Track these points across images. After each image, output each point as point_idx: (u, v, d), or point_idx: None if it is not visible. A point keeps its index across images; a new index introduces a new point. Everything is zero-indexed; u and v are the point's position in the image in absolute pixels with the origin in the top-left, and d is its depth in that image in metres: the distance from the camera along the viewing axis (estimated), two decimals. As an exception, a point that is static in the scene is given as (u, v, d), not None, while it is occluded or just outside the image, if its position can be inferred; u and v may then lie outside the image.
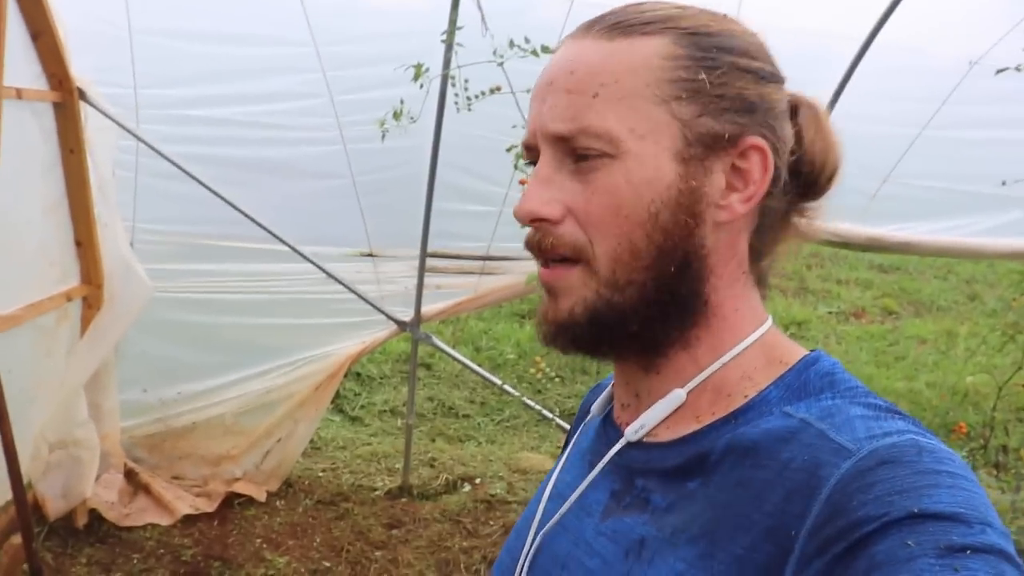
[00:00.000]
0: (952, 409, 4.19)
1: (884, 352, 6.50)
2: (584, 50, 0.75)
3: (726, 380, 0.77)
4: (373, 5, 3.56)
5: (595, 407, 0.92)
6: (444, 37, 3.09)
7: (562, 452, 1.01)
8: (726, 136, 0.74)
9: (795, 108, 0.80)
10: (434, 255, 3.93)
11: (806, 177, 0.80)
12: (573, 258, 0.75)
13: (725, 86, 0.74)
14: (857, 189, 3.55)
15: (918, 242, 3.62)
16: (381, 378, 5.56)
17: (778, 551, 0.64)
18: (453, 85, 3.14)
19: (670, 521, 0.73)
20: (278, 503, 4.02)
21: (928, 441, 0.65)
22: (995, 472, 4.45)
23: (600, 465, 0.82)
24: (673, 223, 0.73)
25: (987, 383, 3.93)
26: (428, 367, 5.70)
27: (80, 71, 3.17)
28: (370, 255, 3.94)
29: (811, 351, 0.80)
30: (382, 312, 3.95)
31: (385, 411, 5.17)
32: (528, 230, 0.78)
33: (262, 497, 3.99)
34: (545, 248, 0.76)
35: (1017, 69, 2.57)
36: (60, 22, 3.01)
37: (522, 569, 0.85)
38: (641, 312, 0.75)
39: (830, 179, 0.82)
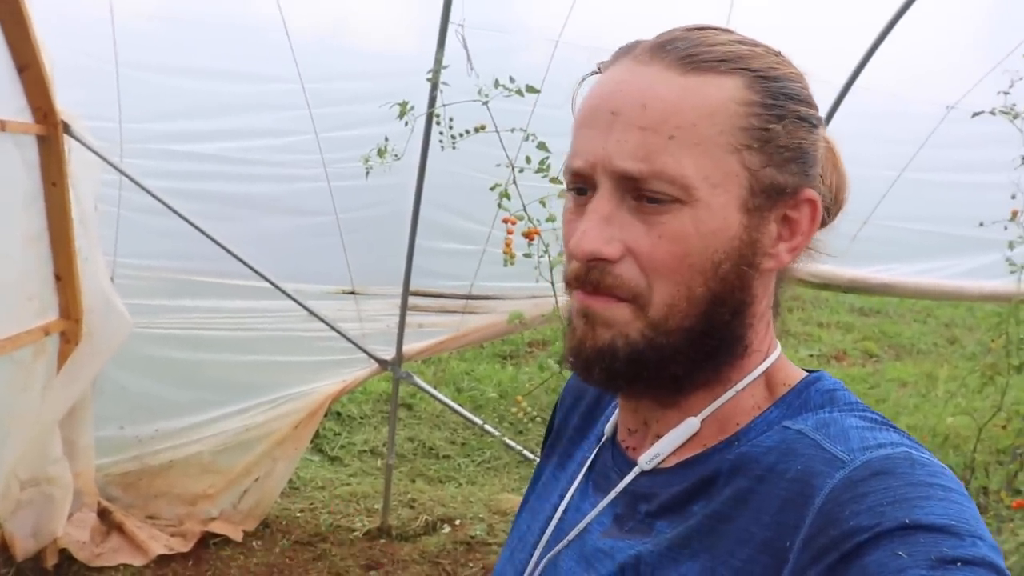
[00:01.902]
0: (933, 451, 4.19)
1: (865, 395, 6.51)
2: (655, 82, 0.72)
3: (737, 409, 0.77)
4: (358, 44, 3.60)
5: (608, 429, 0.90)
6: (429, 76, 3.12)
7: (544, 444, 1.02)
8: (787, 189, 0.74)
9: None
10: (417, 294, 3.92)
11: (824, 213, 0.80)
12: (625, 299, 0.73)
13: (789, 136, 0.73)
14: (838, 231, 3.58)
15: (899, 284, 3.66)
16: (361, 418, 5.51)
17: (774, 562, 0.65)
18: (438, 123, 3.16)
19: (670, 538, 0.73)
20: (255, 543, 3.94)
21: (921, 454, 0.66)
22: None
23: (612, 495, 0.82)
24: (733, 273, 0.73)
25: (967, 425, 3.93)
26: (409, 407, 5.65)
27: (65, 104, 3.17)
28: (352, 293, 3.92)
29: (813, 372, 0.81)
30: (363, 351, 3.93)
31: (365, 451, 5.11)
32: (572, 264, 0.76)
33: (238, 537, 3.92)
34: (602, 288, 0.73)
35: (992, 113, 2.63)
36: (47, 55, 3.02)
37: None
38: (684, 357, 0.74)
39: (837, 213, 0.83)
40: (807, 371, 0.82)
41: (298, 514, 4.26)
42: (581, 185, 0.76)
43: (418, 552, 3.99)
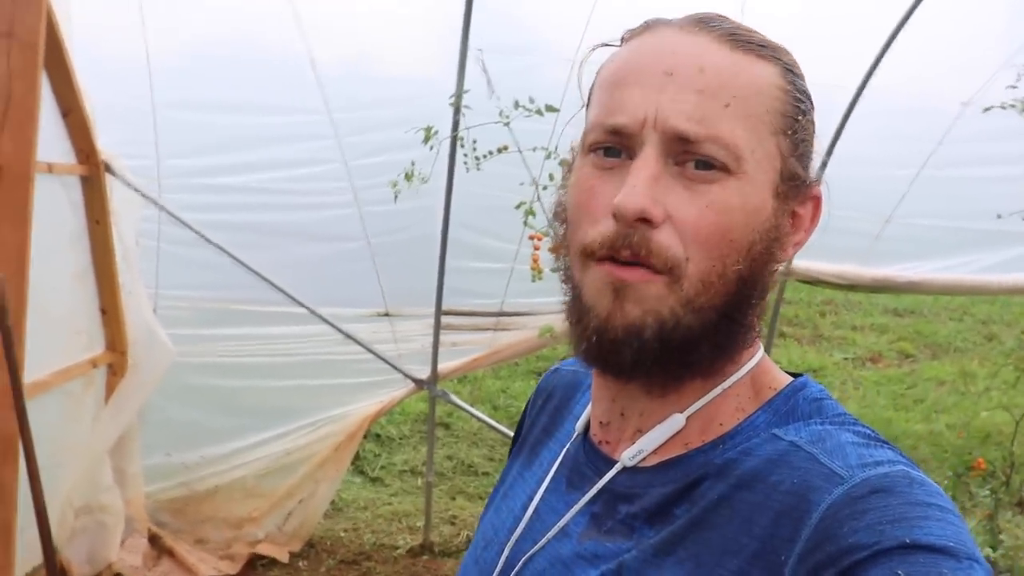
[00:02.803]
0: (972, 448, 4.18)
1: (902, 395, 6.48)
2: (709, 50, 0.71)
3: (721, 409, 0.76)
4: (382, 72, 3.71)
5: (579, 426, 0.86)
6: (452, 100, 3.22)
7: (514, 443, 0.99)
8: (805, 182, 0.75)
9: None
10: (449, 312, 4.00)
11: None
12: (659, 269, 0.69)
13: (807, 132, 0.74)
14: (860, 231, 3.62)
15: (925, 281, 3.68)
16: (400, 439, 5.59)
17: (767, 575, 0.64)
18: (462, 146, 3.25)
19: (653, 543, 0.72)
20: (301, 564, 4.03)
21: (917, 473, 0.66)
22: (1020, 509, 4.42)
23: (591, 493, 0.79)
24: (764, 255, 0.72)
25: (1007, 421, 3.92)
26: (447, 426, 5.73)
27: (106, 145, 3.31)
28: (386, 315, 4.02)
29: (798, 377, 0.79)
30: (399, 371, 4.02)
31: (405, 471, 5.19)
32: (604, 227, 0.71)
33: (285, 558, 4.01)
34: (638, 253, 0.69)
35: (1002, 107, 2.66)
36: (88, 99, 3.16)
37: None
38: (710, 338, 0.72)
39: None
40: (790, 374, 0.80)
41: (342, 534, 4.34)
42: (614, 145, 0.72)
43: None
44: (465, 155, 3.20)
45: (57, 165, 3.17)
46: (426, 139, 3.12)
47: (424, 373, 4.08)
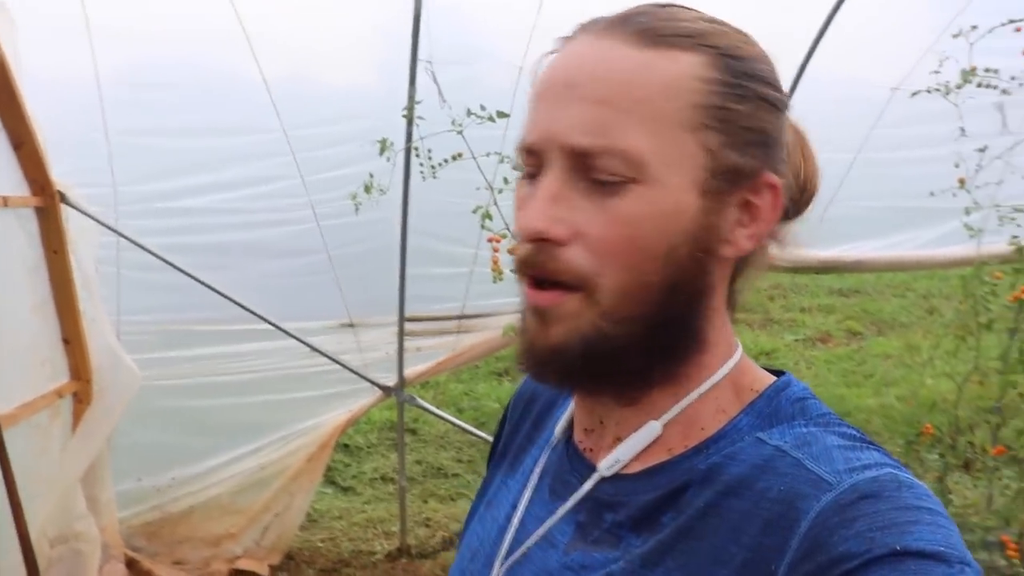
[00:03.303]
0: (920, 416, 4.38)
1: (853, 372, 6.71)
2: (611, 55, 0.68)
3: (700, 413, 0.74)
4: (333, 87, 3.77)
5: (559, 431, 0.85)
6: (404, 112, 3.29)
7: (494, 449, 0.98)
8: (746, 172, 0.70)
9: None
10: (412, 319, 4.07)
11: (790, 203, 0.77)
12: (573, 285, 0.69)
13: (751, 117, 0.70)
14: (805, 214, 3.77)
15: (869, 259, 3.85)
16: (368, 447, 5.64)
17: None
18: (417, 155, 3.33)
19: (641, 553, 0.71)
20: (281, 576, 4.07)
21: (906, 475, 0.65)
22: (966, 470, 4.64)
23: (571, 502, 0.78)
24: (689, 259, 0.69)
25: (950, 388, 4.12)
26: (413, 432, 5.78)
27: (60, 175, 3.31)
28: (350, 325, 4.07)
29: (780, 376, 0.78)
30: (367, 379, 4.07)
31: (376, 479, 5.24)
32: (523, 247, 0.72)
33: (265, 572, 4.03)
34: (547, 271, 0.69)
35: (928, 91, 2.82)
36: (40, 130, 3.16)
37: None
38: (639, 347, 0.71)
39: (809, 202, 0.80)
40: (772, 372, 0.79)
41: (319, 544, 4.38)
42: (533, 167, 0.72)
43: (439, 567, 4.13)
44: (421, 164, 3.28)
45: (12, 198, 3.17)
46: (382, 150, 3.18)
47: (391, 380, 4.14)
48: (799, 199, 0.78)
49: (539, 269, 0.70)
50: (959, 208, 3.25)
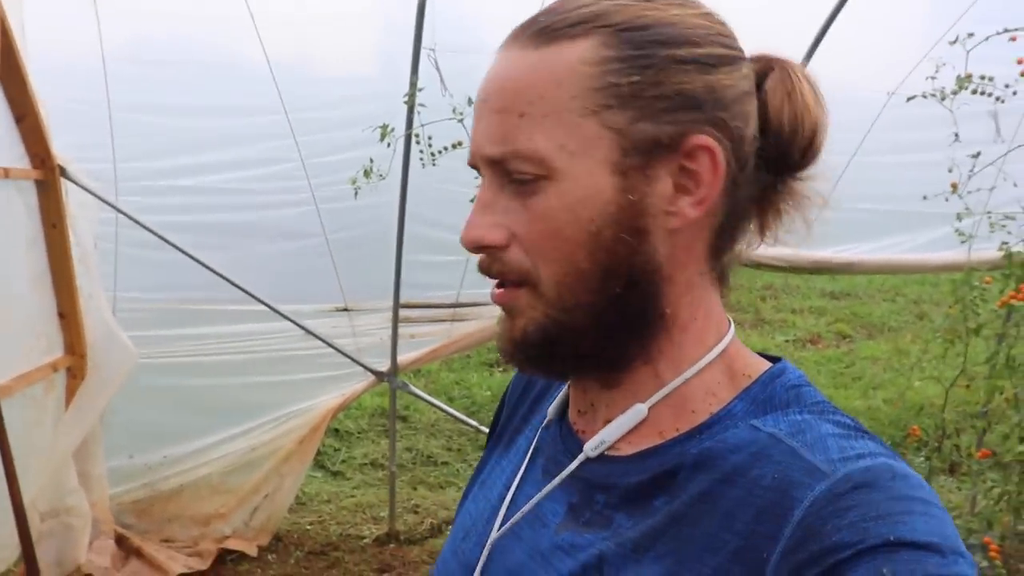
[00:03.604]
0: (907, 419, 4.43)
1: (841, 374, 6.77)
2: (511, 63, 0.72)
3: (689, 396, 0.74)
4: (336, 71, 3.78)
5: (552, 411, 0.86)
6: (406, 99, 3.31)
7: (492, 430, 1.00)
8: (666, 140, 0.69)
9: (763, 77, 0.74)
10: (407, 306, 4.10)
11: (774, 150, 0.74)
12: (518, 283, 0.73)
13: (662, 85, 0.69)
14: (796, 217, 3.80)
15: (860, 261, 3.89)
16: (359, 433, 5.67)
17: (749, 572, 0.63)
18: (418, 143, 3.35)
19: (633, 537, 0.71)
20: (269, 557, 4.09)
21: (899, 465, 0.65)
22: (951, 474, 4.69)
23: (557, 480, 0.79)
24: (616, 240, 0.69)
25: (937, 392, 4.16)
26: (404, 419, 5.82)
27: (61, 149, 3.33)
28: (345, 309, 4.10)
29: (776, 362, 0.78)
30: (360, 364, 4.10)
31: (365, 464, 5.27)
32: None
33: (253, 552, 4.06)
34: (495, 273, 0.74)
35: (923, 96, 2.86)
36: (42, 104, 3.18)
37: None
38: (592, 332, 0.72)
39: (809, 145, 0.75)
40: (768, 358, 0.79)
41: (308, 527, 4.41)
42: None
43: (427, 553, 4.16)
44: (421, 151, 3.30)
45: (13, 170, 3.19)
46: (383, 136, 3.20)
47: (384, 366, 4.16)
48: (790, 144, 0.73)
49: (492, 273, 0.75)
50: (951, 213, 3.28)
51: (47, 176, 3.35)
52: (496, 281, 0.75)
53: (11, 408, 3.30)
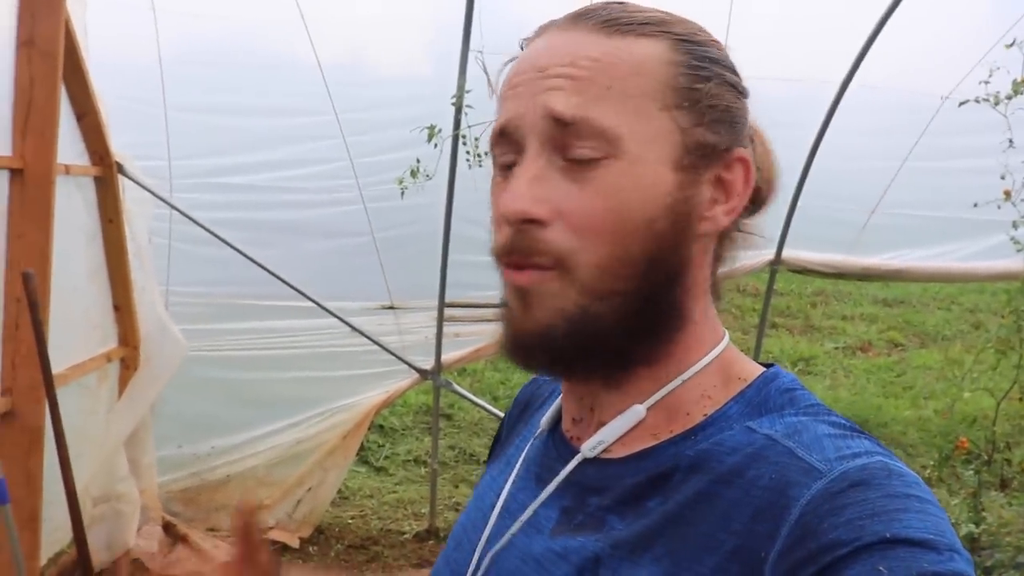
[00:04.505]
0: (958, 431, 4.34)
1: (892, 383, 6.65)
2: (580, 42, 0.71)
3: (684, 398, 0.74)
4: (385, 73, 3.84)
5: (544, 422, 0.86)
6: (453, 100, 3.35)
7: (495, 446, 0.99)
8: (717, 148, 0.72)
9: None
10: (452, 305, 4.13)
11: (756, 192, 0.78)
12: (552, 265, 0.70)
13: (717, 97, 0.72)
14: (848, 221, 3.76)
15: (910, 269, 3.82)
16: (403, 430, 5.73)
17: (746, 572, 0.63)
18: (464, 143, 3.38)
19: (627, 538, 0.70)
20: (311, 549, 4.17)
21: (896, 464, 0.65)
22: (1002, 489, 4.57)
23: (554, 484, 0.78)
24: (669, 233, 0.70)
25: (990, 404, 4.07)
26: (448, 417, 5.86)
27: (119, 146, 3.43)
28: (391, 308, 4.15)
29: (769, 367, 0.78)
30: (404, 361, 4.15)
31: (408, 461, 5.33)
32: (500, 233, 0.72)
33: (295, 543, 4.14)
34: (525, 251, 0.70)
35: (976, 101, 2.80)
36: (102, 103, 3.27)
37: None
38: (623, 324, 0.71)
39: (771, 194, 0.81)
40: (761, 364, 0.79)
41: (349, 521, 4.48)
42: (509, 155, 0.73)
43: (466, 551, 4.19)
44: (468, 152, 3.33)
45: (74, 167, 3.28)
46: (430, 137, 3.24)
47: (428, 364, 4.21)
48: (763, 191, 0.79)
49: (519, 253, 0.70)
50: (1005, 221, 3.21)
51: (105, 173, 3.45)
52: (511, 263, 0.71)
53: (66, 396, 3.40)
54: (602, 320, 0.70)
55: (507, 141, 0.72)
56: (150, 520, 3.98)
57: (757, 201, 0.79)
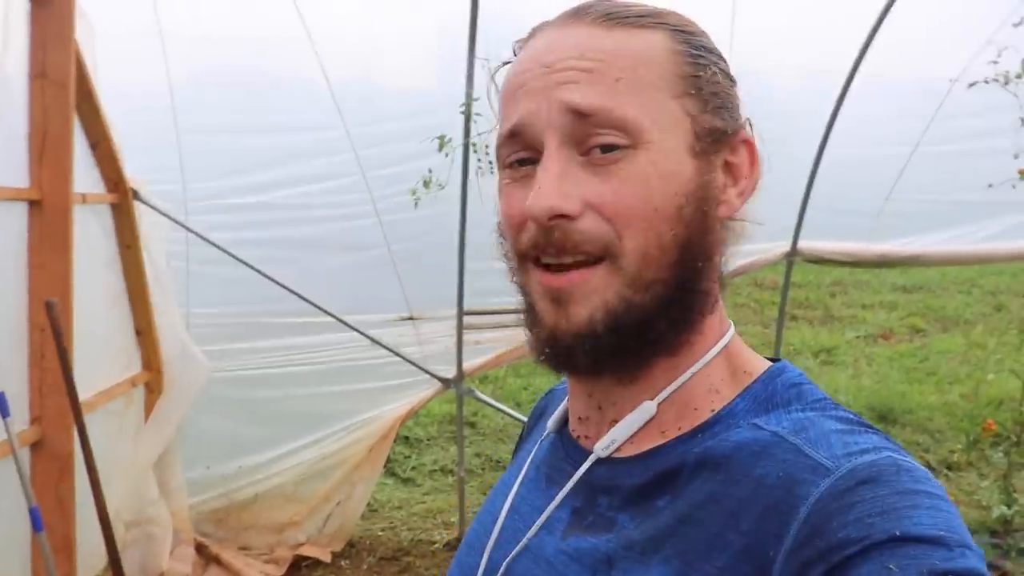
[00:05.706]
0: (984, 414, 4.31)
1: (915, 369, 6.60)
2: (584, 36, 0.71)
3: (694, 393, 0.74)
4: (392, 85, 3.86)
5: (551, 423, 0.86)
6: (462, 109, 3.36)
7: (513, 456, 0.99)
8: (724, 132, 0.74)
9: None
10: (471, 312, 4.14)
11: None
12: (598, 255, 0.70)
13: (716, 84, 0.74)
14: (862, 209, 3.75)
15: (927, 253, 3.80)
16: (428, 440, 5.74)
17: (756, 571, 0.63)
18: (475, 151, 3.40)
19: (639, 539, 0.70)
20: (343, 563, 4.18)
21: (904, 459, 0.64)
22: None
23: (569, 484, 0.78)
24: (696, 217, 0.71)
25: (1016, 385, 4.04)
26: (472, 425, 5.87)
27: (133, 172, 3.46)
28: (410, 318, 4.16)
29: (775, 361, 0.78)
30: (426, 371, 4.16)
31: (435, 470, 5.34)
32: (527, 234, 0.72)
33: (327, 558, 4.15)
34: (568, 247, 0.70)
35: (985, 82, 2.79)
36: (114, 130, 3.31)
37: None
38: (663, 314, 0.71)
39: (754, 188, 0.81)
40: (768, 359, 0.79)
41: (379, 533, 4.49)
42: (521, 154, 0.73)
43: (496, 558, 4.19)
44: (479, 160, 3.34)
45: (90, 195, 3.32)
46: (440, 147, 3.26)
47: (450, 372, 4.21)
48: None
49: (558, 247, 0.70)
50: (1020, 202, 3.19)
51: (121, 199, 3.49)
52: (545, 266, 0.71)
53: (94, 423, 3.44)
54: (645, 310, 0.70)
55: (518, 141, 0.72)
56: (182, 542, 4.01)
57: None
